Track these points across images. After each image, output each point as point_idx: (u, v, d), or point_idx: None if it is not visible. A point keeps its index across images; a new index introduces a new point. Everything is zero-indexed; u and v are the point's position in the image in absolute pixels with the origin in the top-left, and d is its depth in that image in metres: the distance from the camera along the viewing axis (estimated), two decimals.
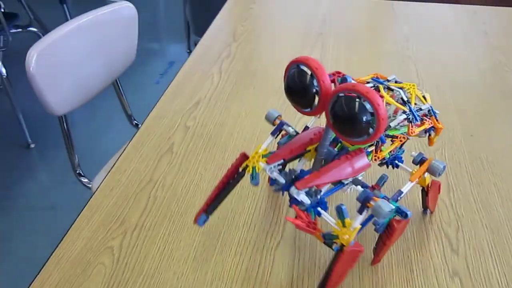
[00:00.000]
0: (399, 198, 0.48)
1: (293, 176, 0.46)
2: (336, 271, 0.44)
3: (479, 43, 1.06)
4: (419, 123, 0.50)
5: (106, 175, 0.66)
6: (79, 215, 0.59)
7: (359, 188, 0.46)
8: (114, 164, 0.68)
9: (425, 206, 0.59)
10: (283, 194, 0.46)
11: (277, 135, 0.53)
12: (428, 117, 0.52)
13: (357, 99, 0.39)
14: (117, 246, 0.55)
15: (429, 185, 0.56)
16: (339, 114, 0.40)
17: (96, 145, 1.88)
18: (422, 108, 0.51)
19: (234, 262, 0.53)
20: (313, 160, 0.50)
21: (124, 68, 1.08)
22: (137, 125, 1.22)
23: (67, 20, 2.51)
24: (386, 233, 0.48)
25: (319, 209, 0.45)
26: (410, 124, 0.49)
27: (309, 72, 0.42)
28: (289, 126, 0.53)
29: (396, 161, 0.54)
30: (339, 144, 0.50)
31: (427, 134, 0.53)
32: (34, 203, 1.61)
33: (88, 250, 0.54)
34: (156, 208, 0.60)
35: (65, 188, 1.67)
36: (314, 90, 0.42)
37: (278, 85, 0.88)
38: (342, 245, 0.43)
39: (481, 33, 1.11)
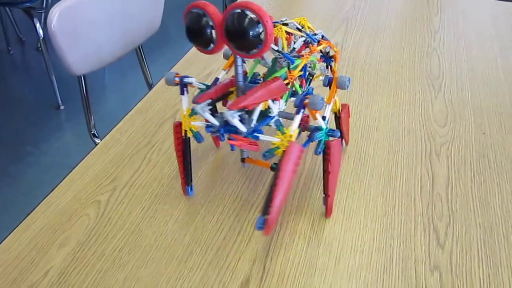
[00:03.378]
0: (326, 122, 0.52)
1: (224, 118, 0.48)
2: (282, 174, 0.45)
3: None
4: (317, 44, 0.56)
5: (107, 134, 0.67)
6: (74, 167, 0.61)
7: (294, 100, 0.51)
8: (117, 124, 0.69)
9: (340, 132, 0.62)
10: (220, 136, 0.49)
11: (186, 92, 0.54)
12: (324, 40, 0.58)
13: (241, 13, 0.42)
14: (105, 200, 0.56)
15: (340, 109, 0.60)
16: (231, 31, 0.44)
17: (118, 110, 1.92)
18: (317, 33, 0.58)
19: (214, 229, 0.53)
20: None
21: (147, 36, 1.09)
22: None
23: None
24: (326, 157, 0.52)
25: (256, 134, 0.49)
26: (310, 45, 0.56)
27: (200, 12, 0.45)
28: (189, 77, 0.54)
29: (314, 94, 0.56)
30: (257, 84, 0.53)
31: (329, 67, 0.59)
32: (57, 162, 1.67)
33: (76, 201, 0.56)
34: (149, 170, 0.61)
35: (87, 150, 1.72)
36: (209, 26, 0.45)
37: None
38: (284, 152, 0.46)
39: None
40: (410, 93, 0.80)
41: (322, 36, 0.58)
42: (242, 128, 0.47)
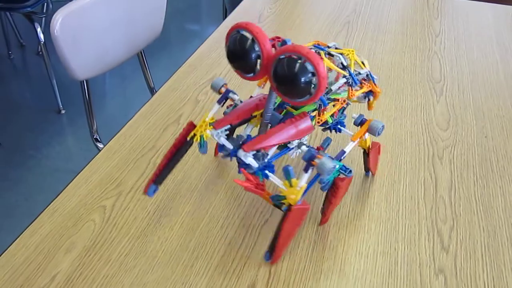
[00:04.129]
0: (342, 158, 0.50)
1: (240, 142, 0.47)
2: (285, 230, 0.45)
3: None
4: (358, 87, 0.53)
5: (111, 139, 0.68)
6: (79, 173, 0.61)
7: (304, 148, 0.48)
8: (121, 129, 0.70)
9: (367, 168, 0.61)
10: (231, 159, 0.48)
11: (223, 104, 0.53)
12: (367, 81, 0.55)
13: (298, 60, 0.40)
14: (110, 206, 0.56)
15: (370, 146, 0.57)
16: (281, 76, 0.41)
17: (123, 115, 1.92)
18: (361, 72, 0.54)
19: (219, 234, 0.54)
20: (259, 125, 0.50)
21: (149, 41, 1.10)
22: None
23: None
24: (332, 191, 0.51)
25: (266, 172, 0.46)
26: (350, 87, 0.52)
27: (250, 36, 0.42)
28: (235, 93, 0.53)
29: (339, 126, 0.55)
30: (284, 110, 0.51)
31: (367, 99, 0.56)
32: (59, 167, 1.68)
33: (82, 207, 0.56)
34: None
35: (89, 154, 1.73)
36: (256, 55, 0.43)
37: None
38: (290, 205, 0.45)
39: None
40: (412, 97, 0.80)
41: (367, 75, 0.55)
42: (255, 164, 0.46)
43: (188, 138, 0.52)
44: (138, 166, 0.62)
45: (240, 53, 0.43)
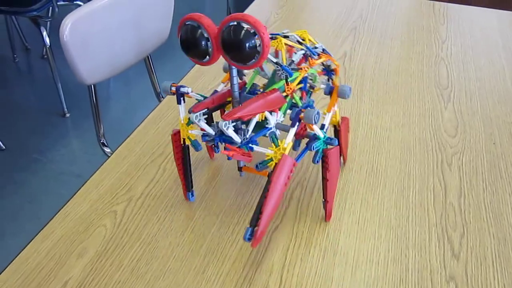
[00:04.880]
0: (324, 130, 0.52)
1: (219, 127, 0.49)
2: (272, 187, 0.46)
3: None
4: (317, 57, 0.56)
5: (120, 144, 0.68)
6: (89, 178, 0.62)
7: (289, 111, 0.51)
8: (130, 134, 0.70)
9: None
10: (215, 145, 0.50)
11: (183, 102, 0.54)
12: (324, 54, 0.58)
13: (237, 25, 0.43)
14: (121, 211, 0.57)
15: (340, 122, 0.60)
16: (227, 43, 0.44)
17: (127, 119, 1.93)
18: (317, 46, 0.58)
19: (230, 240, 0.54)
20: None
21: (157, 45, 1.10)
22: None
23: None
24: (325, 166, 0.52)
25: (250, 145, 0.49)
26: (310, 58, 0.56)
27: (195, 24, 0.45)
28: (185, 87, 0.54)
29: (309, 108, 0.55)
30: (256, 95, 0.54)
31: (330, 81, 0.59)
32: (63, 170, 1.68)
33: (93, 212, 0.56)
34: (164, 179, 0.61)
35: (94, 158, 1.73)
36: (205, 38, 0.46)
37: None
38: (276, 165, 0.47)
39: None
40: (420, 103, 0.81)
41: (323, 50, 0.58)
42: (237, 138, 0.48)
43: (183, 145, 0.55)
44: (148, 172, 0.63)
45: (192, 41, 0.46)
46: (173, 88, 0.54)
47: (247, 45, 0.43)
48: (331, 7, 1.18)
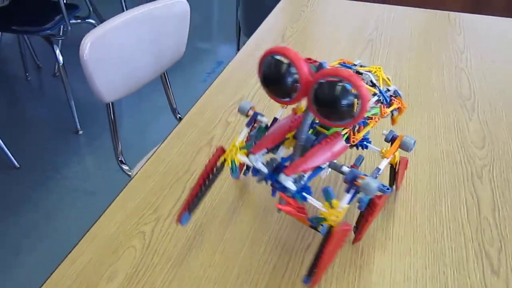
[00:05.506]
0: (377, 175, 0.49)
1: (274, 165, 0.47)
2: (326, 252, 0.44)
3: None
4: (388, 104, 0.53)
5: (145, 163, 0.67)
6: (115, 198, 0.61)
7: (345, 169, 0.48)
8: (154, 153, 0.69)
9: (392, 183, 0.61)
10: (266, 183, 0.47)
11: (252, 126, 0.53)
12: (395, 97, 0.55)
13: (339, 83, 0.39)
14: (149, 231, 0.56)
15: (398, 162, 0.57)
16: (323, 100, 0.40)
17: (140, 135, 1.93)
18: (390, 89, 0.55)
19: (262, 260, 0.52)
20: (291, 147, 0.50)
21: (173, 62, 1.10)
22: (180, 119, 1.24)
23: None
24: (368, 209, 0.50)
25: (304, 194, 0.46)
26: (381, 105, 0.52)
27: (286, 61, 0.41)
28: (263, 116, 0.53)
29: (365, 142, 0.55)
30: (313, 130, 0.51)
31: (391, 114, 0.56)
32: (77, 187, 1.68)
33: (120, 233, 0.55)
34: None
35: (107, 175, 1.73)
36: (293, 79, 0.42)
37: None
38: (331, 226, 0.44)
39: None
40: (444, 115, 0.79)
41: (395, 91, 0.55)
42: (293, 188, 0.45)
43: (219, 164, 0.51)
44: (174, 191, 0.62)
45: (276, 78, 0.42)
46: (251, 112, 0.53)
47: (344, 105, 0.39)
48: (346, 20, 1.18)
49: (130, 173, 1.03)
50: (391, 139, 0.53)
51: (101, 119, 2.05)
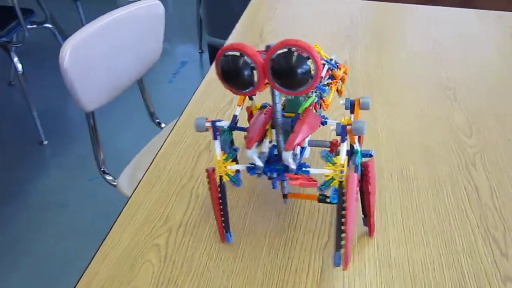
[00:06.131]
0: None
1: (267, 158, 0.49)
2: (348, 206, 0.45)
3: (508, 46, 1.06)
4: (337, 70, 0.57)
5: (146, 172, 0.65)
6: (121, 212, 0.59)
7: (331, 127, 0.53)
8: (153, 160, 0.67)
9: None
10: (266, 175, 0.50)
11: (219, 136, 0.52)
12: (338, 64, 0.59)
13: (290, 52, 0.42)
14: (163, 243, 0.54)
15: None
16: (281, 72, 0.43)
17: (114, 143, 1.87)
18: (332, 58, 0.58)
19: (283, 263, 0.52)
20: (273, 136, 0.52)
21: (150, 65, 1.08)
22: (159, 123, 1.21)
23: (80, 18, 2.50)
24: (365, 178, 0.52)
25: (304, 169, 0.49)
26: (333, 71, 0.57)
27: (238, 54, 0.44)
28: (221, 120, 0.53)
29: (324, 120, 0.56)
30: (283, 117, 0.52)
31: (337, 88, 0.59)
32: (48, 200, 1.61)
33: (133, 248, 0.54)
34: (199, 205, 0.59)
35: (79, 185, 1.67)
36: (249, 67, 0.44)
37: None
38: (340, 183, 0.47)
39: (509, 37, 1.10)
40: (430, 105, 0.82)
41: (335, 61, 0.59)
42: (294, 165, 0.47)
43: (219, 183, 0.51)
44: (181, 199, 0.60)
45: (235, 72, 0.44)
46: (208, 124, 0.51)
47: (300, 71, 0.42)
48: (320, 16, 1.19)
49: (115, 183, 0.99)
50: (351, 105, 0.56)
51: (66, 128, 1.97)
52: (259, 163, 0.49)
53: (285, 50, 0.42)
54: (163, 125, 1.21)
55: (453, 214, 0.59)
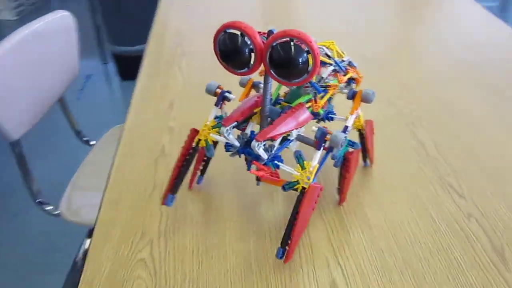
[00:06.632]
0: (346, 132, 0.52)
1: (245, 139, 0.50)
2: (302, 215, 0.47)
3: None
4: (344, 73, 0.56)
5: (105, 190, 0.61)
6: (92, 234, 0.55)
7: (313, 128, 0.51)
8: (109, 177, 0.64)
9: (364, 152, 0.64)
10: (239, 156, 0.50)
11: (221, 105, 0.54)
12: (350, 67, 0.58)
13: (291, 42, 0.43)
14: (148, 257, 0.52)
15: (364, 125, 0.60)
16: (278, 61, 0.43)
17: (40, 169, 1.72)
18: (344, 60, 0.58)
19: (273, 249, 0.53)
20: (260, 121, 0.52)
21: (70, 80, 1.01)
22: (87, 141, 1.14)
23: None
24: (344, 167, 0.54)
25: (276, 162, 0.49)
26: (338, 74, 0.55)
27: (239, 33, 0.44)
28: (230, 93, 0.55)
29: (330, 115, 0.59)
30: (279, 105, 0.54)
31: (349, 87, 0.59)
32: None
33: (118, 268, 0.51)
34: (172, 212, 0.58)
35: (4, 220, 1.51)
36: (248, 49, 0.45)
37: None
38: (303, 188, 0.46)
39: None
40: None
41: (349, 63, 0.58)
42: (264, 155, 0.48)
43: (194, 144, 0.53)
44: (152, 208, 0.58)
45: (233, 51, 0.45)
46: (218, 90, 0.53)
47: (297, 63, 0.42)
48: (231, 5, 1.20)
49: (57, 212, 0.92)
50: (352, 96, 0.56)
51: None
52: (235, 142, 0.49)
53: (286, 39, 0.42)
54: (92, 142, 1.15)
55: (410, 172, 0.64)
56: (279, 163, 0.49)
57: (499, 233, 0.54)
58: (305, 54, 0.42)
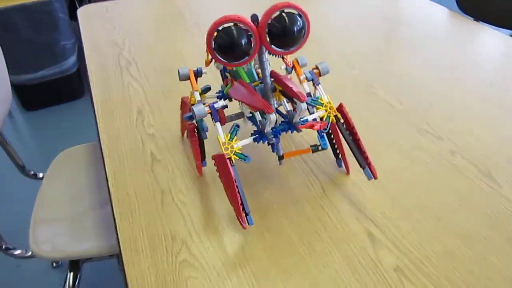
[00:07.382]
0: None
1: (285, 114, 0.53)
2: (354, 130, 0.54)
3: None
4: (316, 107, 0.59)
5: (112, 207, 0.59)
6: (119, 252, 0.53)
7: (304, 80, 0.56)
8: (110, 192, 0.61)
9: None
10: (274, 147, 0.55)
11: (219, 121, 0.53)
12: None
13: (286, 12, 0.46)
14: (189, 257, 0.51)
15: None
16: (279, 33, 0.46)
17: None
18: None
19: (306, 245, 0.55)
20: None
21: (3, 116, 0.92)
22: (34, 174, 1.05)
23: None
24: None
25: (302, 119, 0.53)
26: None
27: (232, 24, 0.46)
28: (216, 102, 0.54)
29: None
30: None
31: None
32: None
33: (164, 275, 0.49)
34: (194, 211, 0.57)
35: None
36: (246, 36, 0.47)
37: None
38: (335, 116, 0.54)
39: None
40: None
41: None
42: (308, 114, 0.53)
43: (230, 163, 0.50)
44: (170, 213, 0.57)
45: (233, 43, 0.46)
46: (207, 108, 0.51)
47: (296, 28, 0.46)
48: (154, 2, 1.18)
49: (29, 254, 0.84)
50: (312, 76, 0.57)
51: None
52: (272, 124, 0.49)
53: (278, 13, 0.45)
54: (40, 175, 1.06)
55: (380, 134, 0.70)
56: (304, 118, 0.53)
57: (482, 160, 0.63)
58: (299, 18, 0.46)
